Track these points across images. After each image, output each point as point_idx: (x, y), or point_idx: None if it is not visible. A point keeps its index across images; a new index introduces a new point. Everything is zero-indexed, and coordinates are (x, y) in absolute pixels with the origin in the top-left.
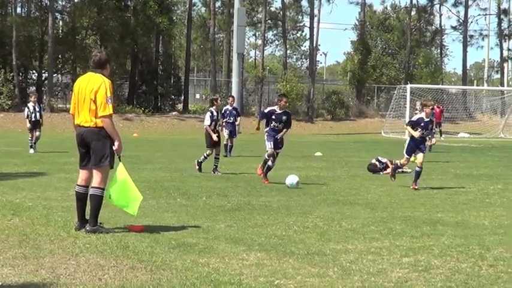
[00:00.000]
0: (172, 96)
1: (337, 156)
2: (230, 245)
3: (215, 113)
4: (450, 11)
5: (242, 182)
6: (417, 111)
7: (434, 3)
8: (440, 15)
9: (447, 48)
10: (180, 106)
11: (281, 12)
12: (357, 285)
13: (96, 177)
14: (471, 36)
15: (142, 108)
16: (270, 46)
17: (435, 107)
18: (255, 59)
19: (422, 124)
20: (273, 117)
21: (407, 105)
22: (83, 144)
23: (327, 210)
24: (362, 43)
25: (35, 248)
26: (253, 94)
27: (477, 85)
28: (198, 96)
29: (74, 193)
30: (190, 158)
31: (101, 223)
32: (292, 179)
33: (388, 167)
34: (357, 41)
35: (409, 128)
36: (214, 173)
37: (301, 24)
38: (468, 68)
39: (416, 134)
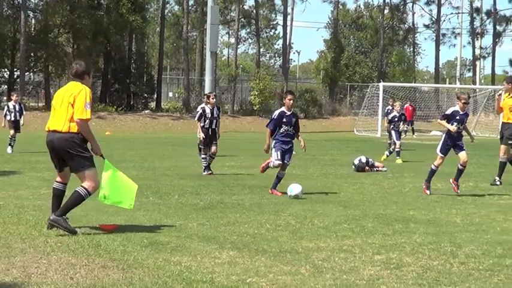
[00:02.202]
0: (145, 95)
1: (309, 154)
2: (202, 244)
3: (208, 111)
4: (423, 9)
5: (215, 180)
6: (389, 107)
7: (407, 1)
8: (413, 14)
9: (420, 47)
10: (153, 104)
11: (254, 11)
12: (328, 283)
13: (83, 181)
14: (444, 35)
15: (115, 107)
16: (243, 44)
17: (407, 105)
18: (228, 57)
19: (457, 117)
20: (284, 120)
21: (380, 103)
22: (54, 152)
23: (299, 208)
24: (335, 41)
25: (6, 247)
26: (226, 92)
27: (449, 83)
28: (171, 94)
29: (49, 191)
30: (162, 156)
31: (67, 218)
32: (295, 189)
33: (375, 166)
34: (330, 40)
35: (443, 122)
36: (204, 172)
37: (275, 22)
38: (441, 66)
39: (453, 127)
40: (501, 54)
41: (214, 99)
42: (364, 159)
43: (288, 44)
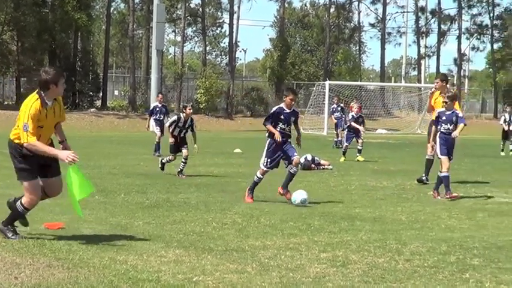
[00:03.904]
0: (91, 93)
1: (256, 152)
2: (148, 242)
3: (182, 120)
4: (369, 8)
5: (161, 179)
6: (334, 106)
7: (353, 0)
8: (359, 13)
9: (365, 45)
10: (98, 103)
11: (200, 9)
12: (275, 281)
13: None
14: (389, 34)
15: None
16: (190, 43)
17: (353, 103)
18: (175, 55)
19: (444, 118)
20: (282, 117)
21: (326, 102)
22: None
23: (245, 206)
24: (281, 40)
25: None
26: (172, 91)
27: (395, 82)
28: (116, 92)
29: None
30: (108, 155)
31: (16, 226)
32: (299, 196)
33: (321, 164)
34: (276, 38)
35: (433, 127)
36: (178, 175)
37: (221, 20)
38: (386, 64)
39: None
40: (445, 53)
41: (191, 111)
42: (310, 158)
43: (234, 42)
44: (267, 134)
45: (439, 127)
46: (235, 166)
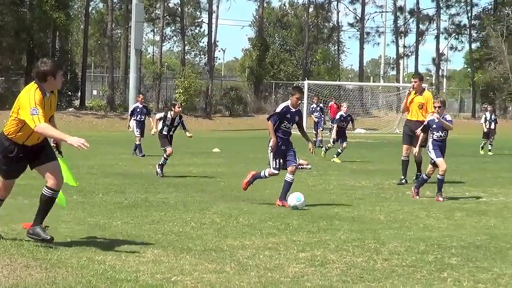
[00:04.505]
0: (69, 93)
1: (234, 152)
2: (127, 242)
3: (169, 117)
4: (347, 8)
5: (139, 178)
6: (314, 106)
7: (332, 0)
8: (338, 12)
9: (344, 45)
10: (76, 102)
11: (179, 8)
12: (253, 281)
13: None
14: (368, 33)
15: None
16: (168, 42)
17: (332, 103)
18: (153, 55)
19: (434, 126)
20: (288, 116)
21: (305, 101)
22: None
23: (224, 206)
24: (260, 40)
25: None
26: (151, 90)
27: (373, 81)
28: (95, 92)
29: None
30: (87, 155)
31: None
32: (296, 199)
33: (299, 163)
34: (255, 38)
35: (422, 134)
36: (157, 168)
37: (200, 20)
38: (365, 64)
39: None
40: (424, 53)
41: (180, 109)
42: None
43: (213, 42)
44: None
45: (431, 135)
46: (214, 166)
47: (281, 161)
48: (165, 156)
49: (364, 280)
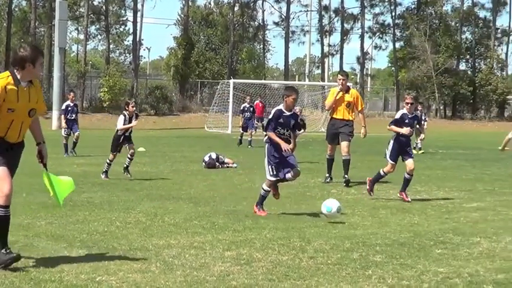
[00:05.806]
0: None
1: (160, 151)
2: (51, 242)
3: (127, 118)
4: (273, 7)
5: None
6: (246, 105)
7: None
8: (263, 11)
9: (270, 44)
10: None
11: (104, 7)
12: (179, 280)
13: None
14: (293, 32)
15: None
16: (93, 41)
17: (258, 101)
18: (78, 53)
19: (407, 121)
20: (281, 120)
21: (231, 100)
22: None
23: (149, 205)
24: (185, 38)
25: None
26: (75, 89)
27: (299, 80)
28: None
29: None
30: None
31: None
32: (331, 205)
33: (225, 162)
34: (180, 37)
35: (394, 127)
36: (124, 172)
37: (125, 18)
38: (290, 63)
39: (406, 130)
40: (349, 52)
41: (134, 108)
42: (214, 156)
43: (138, 40)
44: (264, 139)
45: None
46: (139, 165)
47: (276, 167)
48: (108, 161)
49: (289, 278)
